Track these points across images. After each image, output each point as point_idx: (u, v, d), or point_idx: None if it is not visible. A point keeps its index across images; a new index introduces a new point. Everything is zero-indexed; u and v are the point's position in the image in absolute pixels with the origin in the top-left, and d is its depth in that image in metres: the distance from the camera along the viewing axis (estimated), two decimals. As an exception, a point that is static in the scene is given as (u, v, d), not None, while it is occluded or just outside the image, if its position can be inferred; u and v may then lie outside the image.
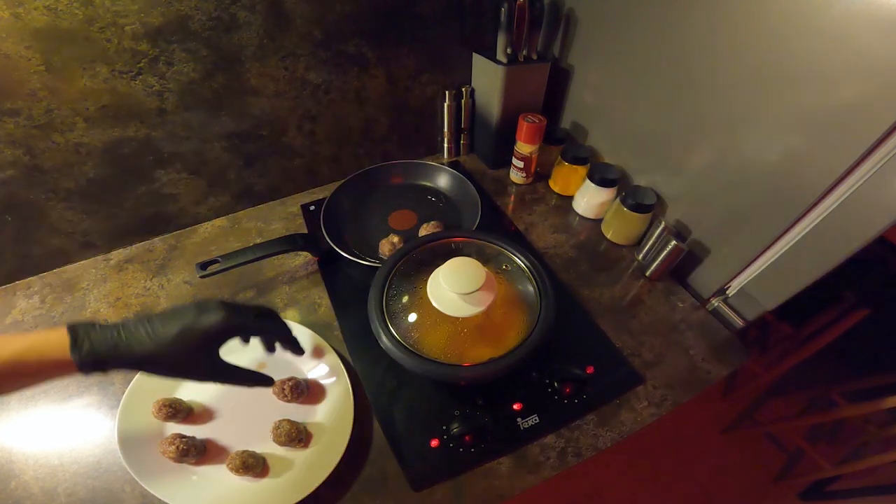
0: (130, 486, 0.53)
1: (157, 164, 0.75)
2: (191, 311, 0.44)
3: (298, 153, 0.86)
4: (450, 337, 0.55)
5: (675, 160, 0.73)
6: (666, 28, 0.66)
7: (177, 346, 0.42)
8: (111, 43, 0.60)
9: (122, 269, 0.79)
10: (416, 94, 0.89)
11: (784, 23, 0.51)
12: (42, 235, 0.74)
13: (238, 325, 0.46)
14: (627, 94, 0.77)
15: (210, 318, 0.43)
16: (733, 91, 0.59)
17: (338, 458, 0.52)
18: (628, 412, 0.60)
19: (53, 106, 0.62)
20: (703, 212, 0.71)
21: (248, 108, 0.75)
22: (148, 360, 0.41)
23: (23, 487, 0.53)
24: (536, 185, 0.94)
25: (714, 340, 0.68)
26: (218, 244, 0.83)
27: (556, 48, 0.88)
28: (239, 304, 0.47)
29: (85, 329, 0.39)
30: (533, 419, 0.58)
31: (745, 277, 0.66)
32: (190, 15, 0.62)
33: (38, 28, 0.56)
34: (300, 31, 0.71)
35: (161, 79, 0.66)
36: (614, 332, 0.68)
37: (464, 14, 0.82)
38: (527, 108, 0.86)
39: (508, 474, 0.54)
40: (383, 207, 0.87)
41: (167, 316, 0.43)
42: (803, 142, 0.53)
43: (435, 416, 0.58)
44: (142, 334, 0.41)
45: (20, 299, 0.74)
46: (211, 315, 0.44)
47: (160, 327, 0.42)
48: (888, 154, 0.46)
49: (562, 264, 0.78)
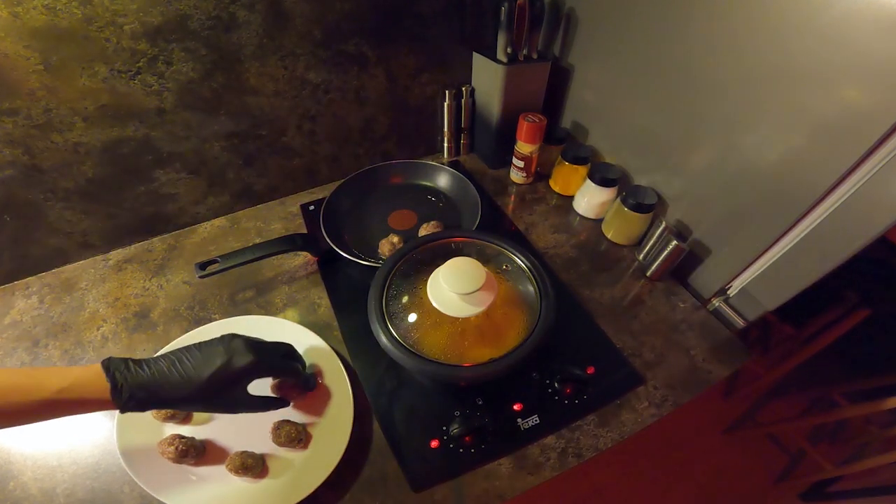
0: (129, 487, 0.52)
1: (156, 164, 0.74)
2: (221, 353, 0.45)
3: (298, 153, 0.86)
4: (450, 337, 0.54)
5: (675, 160, 0.72)
6: (667, 27, 0.65)
7: (209, 388, 0.44)
8: (110, 42, 0.60)
9: (120, 269, 0.79)
10: (416, 94, 0.89)
11: (784, 23, 0.50)
12: (40, 235, 0.73)
13: (267, 366, 0.48)
14: (628, 94, 0.77)
15: (241, 362, 0.45)
16: (734, 90, 0.59)
17: (337, 459, 0.52)
18: (629, 413, 0.60)
19: (52, 105, 0.62)
20: (703, 211, 0.71)
21: (247, 108, 0.75)
22: (183, 401, 0.43)
23: (21, 488, 0.53)
24: (537, 185, 0.94)
25: (715, 341, 0.67)
26: (217, 244, 0.83)
27: (557, 47, 0.88)
28: (265, 345, 0.49)
29: (122, 373, 0.41)
30: (533, 420, 0.58)
31: (746, 277, 0.66)
32: (189, 14, 0.62)
33: (36, 27, 0.55)
34: (300, 31, 0.70)
35: (160, 78, 0.66)
36: (615, 332, 0.68)
37: (464, 13, 0.81)
38: (527, 107, 0.86)
39: (508, 475, 0.54)
40: (383, 207, 0.87)
41: (198, 358, 0.44)
42: (804, 141, 0.53)
43: (435, 417, 0.58)
44: (175, 378, 0.43)
45: (19, 299, 0.74)
46: (242, 358, 0.46)
47: (193, 371, 0.43)
48: (889, 154, 0.46)
49: (562, 264, 0.78)
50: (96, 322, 0.70)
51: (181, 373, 0.43)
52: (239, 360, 0.45)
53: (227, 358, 0.45)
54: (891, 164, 0.46)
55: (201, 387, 0.43)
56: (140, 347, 0.67)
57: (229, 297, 0.74)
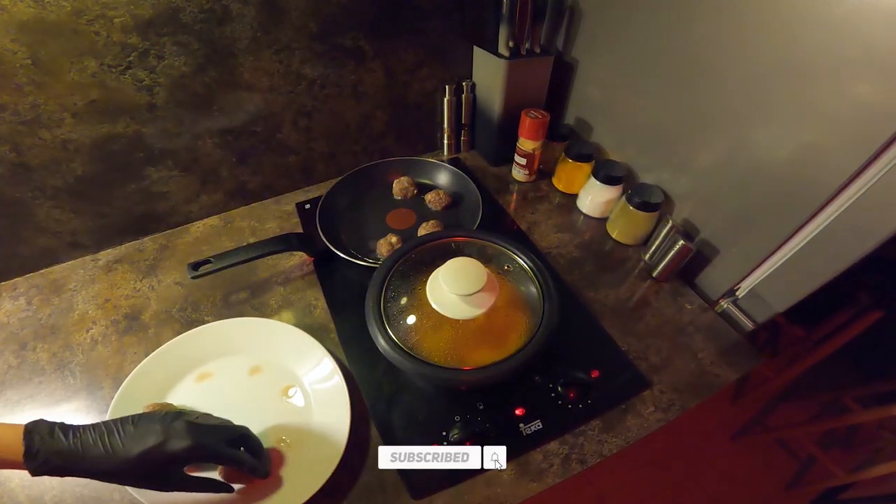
0: (120, 494, 0.52)
1: (148, 161, 0.74)
2: (156, 432, 0.42)
3: (293, 150, 0.85)
4: (450, 340, 0.54)
5: (682, 157, 0.72)
6: (673, 21, 0.65)
7: (137, 466, 0.41)
8: (100, 36, 0.59)
9: (111, 269, 0.78)
10: (415, 89, 0.88)
11: (795, 16, 0.50)
12: (28, 235, 0.73)
13: (205, 454, 0.45)
14: (633, 89, 0.76)
15: (175, 445, 0.42)
16: (743, 86, 0.59)
17: (334, 466, 0.52)
18: (634, 417, 0.59)
19: (40, 101, 0.61)
20: (711, 210, 0.70)
21: (241, 104, 0.74)
22: (105, 474, 0.41)
23: (8, 495, 0.52)
24: (539, 183, 0.93)
25: (723, 343, 0.67)
26: (210, 244, 0.82)
27: (560, 41, 0.87)
28: (209, 428, 0.46)
29: (42, 437, 0.39)
30: (536, 425, 0.57)
31: (755, 278, 0.65)
32: (181, 7, 0.61)
33: (24, 20, 0.55)
34: (295, 24, 0.70)
35: (151, 73, 0.65)
36: (620, 334, 0.67)
37: (464, 5, 0.81)
38: (529, 103, 0.85)
39: (510, 482, 0.54)
40: (381, 206, 0.86)
41: (130, 434, 0.42)
42: (815, 138, 0.53)
43: (434, 422, 0.58)
44: (99, 451, 0.40)
45: (6, 301, 0.73)
46: (178, 442, 0.43)
47: (120, 446, 0.41)
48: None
49: (566, 265, 0.77)
50: (86, 324, 0.69)
51: (107, 446, 0.41)
52: (174, 444, 0.42)
53: (162, 439, 0.42)
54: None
55: (128, 463, 0.41)
56: (131, 350, 0.66)
57: (223, 298, 0.73)
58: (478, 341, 0.54)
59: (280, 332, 0.64)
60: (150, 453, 0.41)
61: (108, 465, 0.40)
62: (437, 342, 0.53)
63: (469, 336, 0.54)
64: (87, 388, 0.61)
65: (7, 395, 0.61)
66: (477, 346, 0.54)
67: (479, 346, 0.54)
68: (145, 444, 0.41)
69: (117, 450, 0.41)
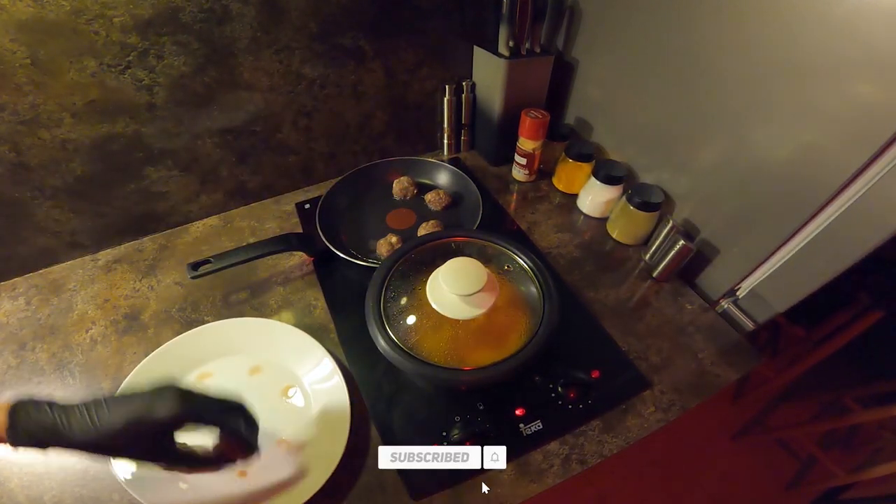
0: (119, 495, 0.52)
1: (147, 161, 0.73)
2: (143, 399, 0.41)
3: (293, 150, 0.85)
4: (450, 340, 0.54)
5: (683, 157, 0.72)
6: (674, 20, 0.65)
7: (122, 436, 0.40)
8: (99, 35, 0.59)
9: (110, 269, 0.78)
10: (415, 89, 0.88)
11: (795, 16, 0.50)
12: (28, 235, 0.72)
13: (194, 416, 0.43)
14: (634, 89, 0.76)
15: (163, 410, 0.41)
16: (743, 86, 0.58)
17: (334, 466, 0.51)
18: (635, 418, 0.59)
19: (39, 101, 0.61)
20: (712, 210, 0.70)
21: (240, 103, 0.74)
22: (89, 446, 0.40)
23: (7, 496, 0.52)
24: (539, 183, 0.93)
25: (723, 343, 0.66)
26: (210, 244, 0.82)
27: (560, 41, 0.87)
28: (200, 398, 0.44)
29: (26, 412, 0.39)
30: (536, 425, 0.57)
31: (755, 278, 0.65)
32: (181, 6, 0.61)
33: (23, 20, 0.54)
34: (295, 24, 0.69)
35: (151, 73, 0.65)
36: (620, 334, 0.67)
37: (464, 5, 0.80)
38: (529, 103, 0.85)
39: (510, 482, 0.53)
40: (381, 206, 0.86)
41: (116, 402, 0.41)
42: (816, 138, 0.53)
43: (434, 422, 0.57)
44: (86, 422, 0.39)
45: (5, 301, 0.73)
46: (164, 407, 0.41)
47: (105, 415, 0.40)
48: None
49: (566, 265, 0.77)
50: (85, 324, 0.69)
51: (93, 417, 0.40)
52: (161, 410, 0.41)
53: (149, 403, 0.41)
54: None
55: (112, 434, 0.40)
56: (130, 350, 0.66)
57: (222, 298, 0.72)
58: (478, 341, 0.54)
59: (280, 333, 0.64)
60: (136, 421, 0.40)
61: (93, 436, 0.39)
62: (437, 342, 0.53)
63: (469, 336, 0.54)
64: (87, 389, 0.61)
65: (6, 395, 0.61)
66: (477, 347, 0.54)
67: (479, 346, 0.54)
68: (130, 412, 0.40)
69: (103, 420, 0.39)
